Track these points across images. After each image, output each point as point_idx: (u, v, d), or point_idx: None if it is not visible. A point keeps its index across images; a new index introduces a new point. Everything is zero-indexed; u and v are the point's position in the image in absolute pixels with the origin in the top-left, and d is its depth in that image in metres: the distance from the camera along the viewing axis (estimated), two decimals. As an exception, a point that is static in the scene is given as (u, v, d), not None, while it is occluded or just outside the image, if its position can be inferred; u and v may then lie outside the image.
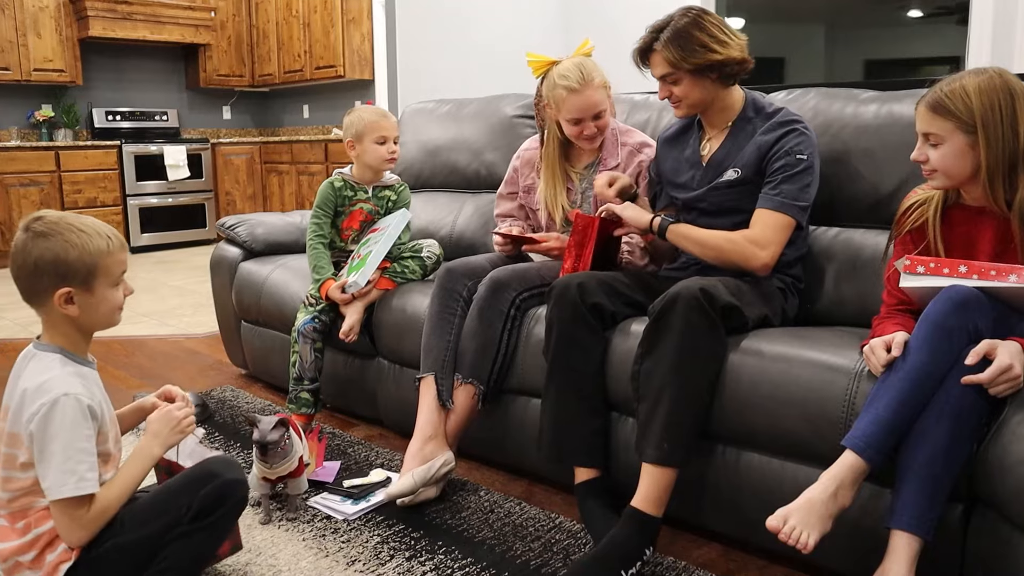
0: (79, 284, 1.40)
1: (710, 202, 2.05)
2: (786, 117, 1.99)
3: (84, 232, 1.40)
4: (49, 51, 6.55)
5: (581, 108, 2.19)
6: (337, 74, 6.68)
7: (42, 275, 1.38)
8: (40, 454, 1.36)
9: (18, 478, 1.40)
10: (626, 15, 5.58)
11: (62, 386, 1.37)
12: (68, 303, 1.40)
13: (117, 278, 1.46)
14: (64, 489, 1.35)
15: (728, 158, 2.03)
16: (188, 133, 7.71)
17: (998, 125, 1.51)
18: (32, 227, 1.39)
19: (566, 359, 1.91)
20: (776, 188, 1.93)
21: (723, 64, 1.95)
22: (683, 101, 2.03)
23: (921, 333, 1.50)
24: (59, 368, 1.40)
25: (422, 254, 2.58)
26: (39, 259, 1.38)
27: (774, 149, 1.95)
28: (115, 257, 1.44)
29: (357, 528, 1.95)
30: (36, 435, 1.35)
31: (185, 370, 3.35)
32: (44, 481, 1.36)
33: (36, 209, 6.08)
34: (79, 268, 1.39)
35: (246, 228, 3.08)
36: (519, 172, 2.50)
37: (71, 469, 1.35)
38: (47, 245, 1.38)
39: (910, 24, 5.43)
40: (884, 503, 1.53)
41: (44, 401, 1.35)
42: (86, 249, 1.39)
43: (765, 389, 1.69)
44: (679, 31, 1.95)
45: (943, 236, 1.67)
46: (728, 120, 2.07)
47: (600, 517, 1.84)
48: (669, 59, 1.96)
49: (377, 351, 2.55)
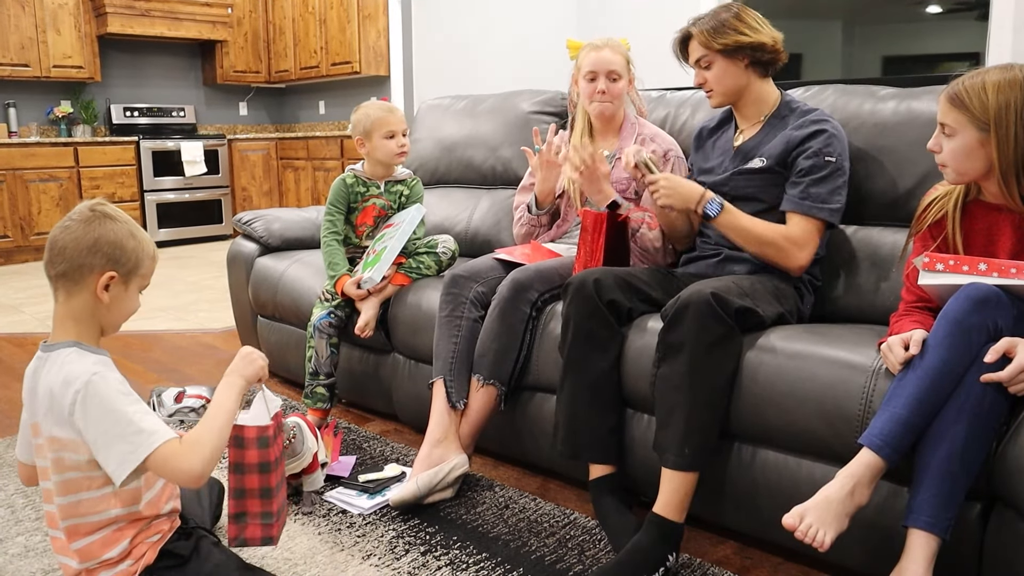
0: (123, 274, 1.42)
1: (733, 186, 2.08)
2: (818, 116, 2.01)
3: (142, 230, 1.47)
4: (68, 48, 6.60)
5: (596, 61, 2.33)
6: (353, 70, 6.69)
7: (98, 252, 1.39)
8: (95, 442, 1.32)
9: (74, 478, 1.37)
10: (640, 12, 5.57)
11: (88, 369, 1.34)
12: (106, 289, 1.40)
13: (145, 286, 1.49)
14: (141, 451, 1.30)
15: (757, 148, 2.07)
16: (205, 129, 7.75)
17: (1011, 125, 1.50)
18: (98, 208, 1.42)
19: (582, 355, 1.91)
20: (804, 191, 1.95)
21: (752, 47, 2.01)
22: (716, 88, 2.07)
23: (940, 331, 1.48)
24: (78, 358, 1.38)
25: (437, 250, 2.58)
26: (101, 236, 1.39)
27: (802, 147, 1.97)
28: (153, 264, 1.48)
29: (372, 522, 1.96)
30: (83, 423, 1.32)
31: (202, 365, 3.37)
32: (109, 464, 1.31)
33: (55, 205, 6.21)
34: (130, 259, 1.42)
35: (262, 224, 3.10)
36: None
37: (135, 430, 1.30)
38: (113, 227, 1.40)
39: (929, 20, 5.38)
40: (901, 502, 1.53)
41: (76, 388, 1.32)
42: (142, 244, 1.44)
43: (782, 387, 1.68)
44: (713, 15, 2.05)
45: (963, 231, 1.65)
46: (762, 114, 2.11)
47: (615, 513, 1.84)
48: (701, 40, 2.05)
49: (392, 346, 2.56)
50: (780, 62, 2.06)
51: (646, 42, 2.12)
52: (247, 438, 1.51)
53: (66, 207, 6.34)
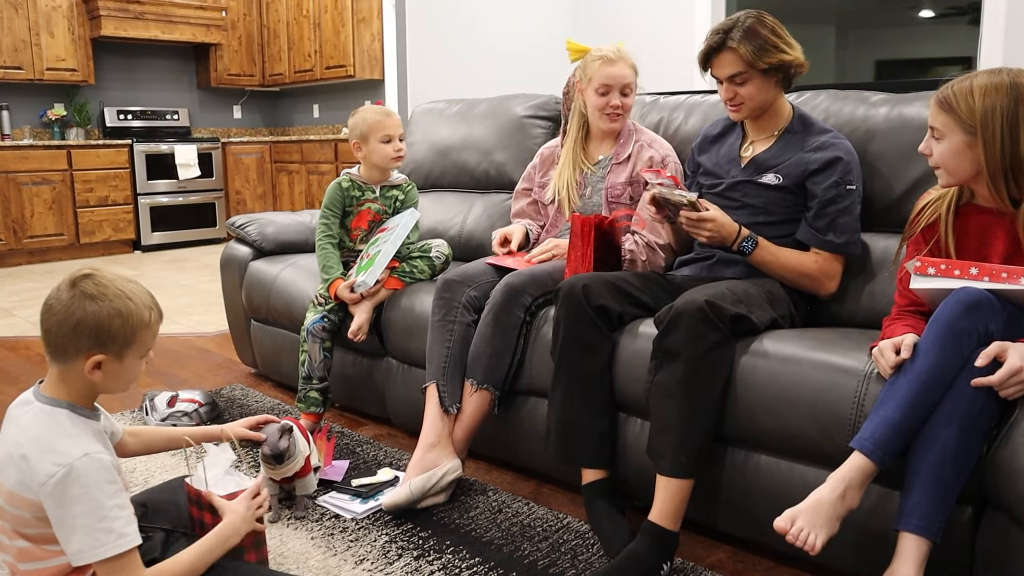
0: (113, 353, 1.34)
1: (744, 192, 2.09)
2: (832, 140, 2.02)
3: (131, 301, 1.35)
4: (62, 50, 6.59)
5: (612, 76, 2.29)
6: (347, 74, 6.69)
7: (80, 337, 1.31)
8: (60, 520, 1.26)
9: (29, 533, 1.32)
10: (636, 16, 5.58)
11: (79, 446, 1.29)
12: (96, 368, 1.33)
13: (147, 351, 1.40)
14: (102, 550, 1.26)
15: (771, 161, 2.06)
16: (199, 132, 7.74)
17: (997, 128, 1.51)
18: (81, 286, 1.32)
19: (573, 360, 1.92)
20: (831, 224, 1.98)
21: (791, 65, 2.00)
22: (746, 103, 2.04)
23: (931, 335, 1.49)
24: (70, 426, 1.32)
25: (431, 254, 2.58)
26: (81, 321, 1.31)
27: (821, 175, 1.98)
28: (153, 330, 1.39)
29: (365, 527, 1.96)
30: (54, 501, 1.26)
31: (195, 368, 3.36)
32: (69, 547, 1.27)
33: (48, 208, 6.20)
34: (118, 338, 1.33)
35: (256, 227, 3.10)
36: (536, 168, 2.56)
37: (106, 528, 1.26)
38: (94, 309, 1.31)
39: (921, 24, 5.40)
40: (892, 505, 1.53)
41: (60, 462, 1.26)
42: (130, 321, 1.34)
43: (774, 391, 1.68)
44: (751, 30, 1.97)
45: (956, 234, 1.67)
46: (776, 128, 2.10)
47: (608, 518, 1.85)
48: (746, 57, 1.97)
49: (386, 350, 2.56)
50: (801, 75, 2.06)
51: (642, 46, 2.13)
52: None
53: (59, 210, 6.33)
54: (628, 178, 2.33)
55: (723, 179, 2.14)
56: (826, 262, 2.01)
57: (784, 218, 2.05)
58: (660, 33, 5.26)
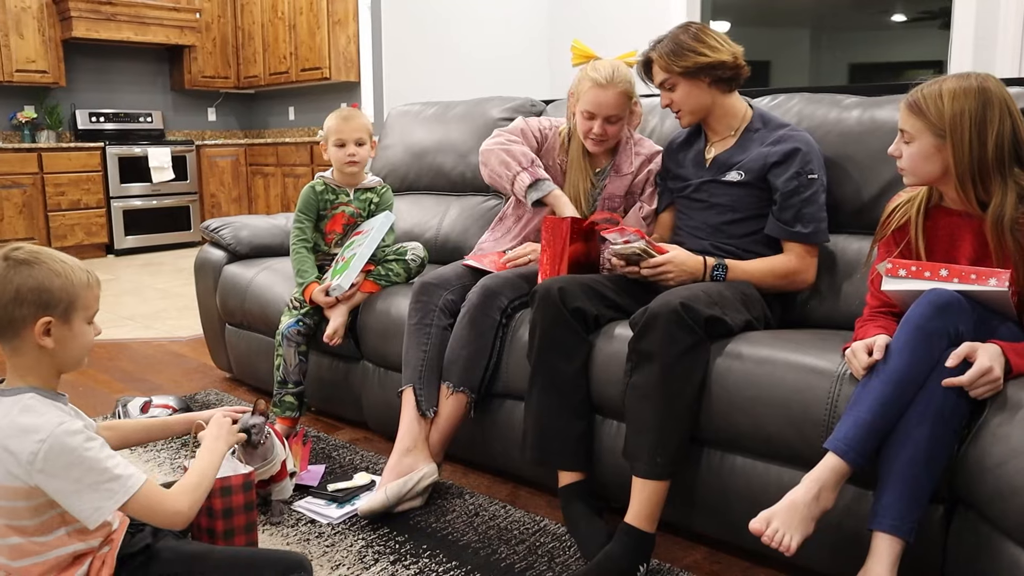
0: (59, 315, 1.35)
1: (710, 192, 2.11)
2: (789, 132, 2.05)
3: (66, 263, 1.37)
4: (32, 52, 6.50)
5: (597, 104, 2.20)
6: (323, 76, 6.66)
7: (23, 303, 1.32)
8: (63, 491, 1.29)
9: (24, 526, 1.33)
10: (612, 22, 5.60)
11: (50, 420, 1.30)
12: (46, 335, 1.35)
13: (92, 315, 1.42)
14: (118, 497, 1.31)
15: (733, 159, 2.09)
16: (173, 135, 7.66)
17: (965, 132, 1.54)
18: (12, 255, 1.34)
19: (549, 362, 1.92)
20: (796, 215, 2.00)
21: (712, 67, 2.02)
22: (682, 108, 2.11)
23: (902, 336, 1.51)
24: (38, 405, 1.33)
25: (406, 257, 2.58)
26: (21, 286, 1.32)
27: (780, 167, 2.00)
28: (93, 292, 1.41)
29: (341, 532, 1.94)
30: (47, 475, 1.28)
31: (169, 373, 3.33)
32: (82, 511, 1.30)
33: (19, 212, 6.12)
34: (61, 298, 1.35)
35: (231, 231, 3.07)
36: (547, 141, 2.40)
37: (111, 478, 1.30)
38: (30, 272, 1.33)
39: (894, 28, 5.48)
40: (866, 505, 1.54)
41: (39, 439, 1.28)
42: (69, 279, 1.36)
43: (749, 392, 1.69)
44: (672, 37, 2.07)
45: (926, 236, 1.69)
46: (733, 128, 2.13)
47: (584, 520, 1.85)
48: (662, 64, 2.07)
49: (362, 354, 2.54)
50: (743, 77, 2.08)
51: (619, 49, 2.12)
52: (234, 485, 1.69)
53: (30, 214, 6.25)
54: (626, 189, 2.34)
55: (690, 181, 2.16)
56: (798, 256, 2.03)
57: (751, 214, 2.07)
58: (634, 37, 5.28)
